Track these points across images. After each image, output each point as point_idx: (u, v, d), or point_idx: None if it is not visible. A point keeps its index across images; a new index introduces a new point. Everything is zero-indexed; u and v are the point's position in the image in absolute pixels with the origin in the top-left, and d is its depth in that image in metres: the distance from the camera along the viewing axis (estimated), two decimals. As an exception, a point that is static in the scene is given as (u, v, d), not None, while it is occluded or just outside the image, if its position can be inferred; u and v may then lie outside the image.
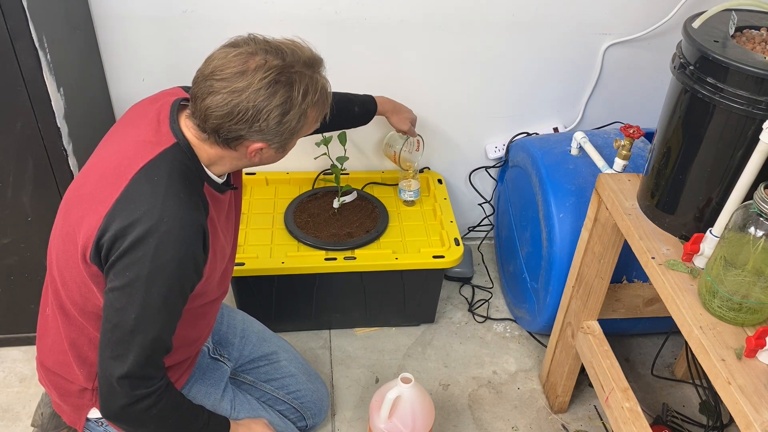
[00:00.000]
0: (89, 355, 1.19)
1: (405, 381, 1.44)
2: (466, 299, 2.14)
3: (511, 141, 2.06)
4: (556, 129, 2.07)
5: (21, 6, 1.29)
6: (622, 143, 1.54)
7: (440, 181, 2.06)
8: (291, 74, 1.04)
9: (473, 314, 2.09)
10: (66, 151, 1.50)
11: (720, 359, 1.00)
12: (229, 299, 1.88)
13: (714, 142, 1.11)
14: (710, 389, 1.73)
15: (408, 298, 1.90)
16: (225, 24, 1.74)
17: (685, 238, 1.20)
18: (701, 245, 1.14)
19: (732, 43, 1.09)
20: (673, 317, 1.12)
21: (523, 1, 1.80)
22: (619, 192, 1.35)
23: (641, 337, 2.02)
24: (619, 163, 1.55)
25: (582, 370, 1.68)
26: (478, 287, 2.18)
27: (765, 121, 1.00)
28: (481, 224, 2.31)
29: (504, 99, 2.01)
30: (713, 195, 1.16)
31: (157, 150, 1.07)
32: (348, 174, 2.05)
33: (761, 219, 0.97)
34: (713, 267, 1.06)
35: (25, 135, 1.45)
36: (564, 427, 1.75)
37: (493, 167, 2.16)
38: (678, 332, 1.16)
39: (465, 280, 2.19)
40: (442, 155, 2.10)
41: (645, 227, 1.26)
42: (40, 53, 1.36)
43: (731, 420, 1.71)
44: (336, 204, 1.89)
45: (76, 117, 1.55)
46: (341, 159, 1.83)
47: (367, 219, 1.89)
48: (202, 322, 1.30)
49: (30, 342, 1.83)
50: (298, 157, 1.95)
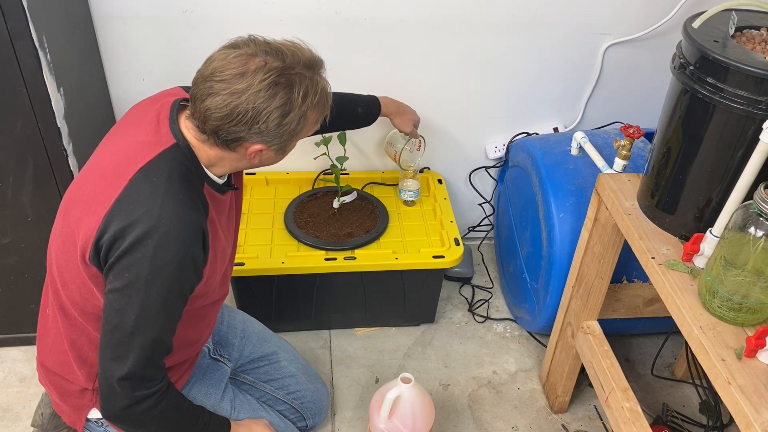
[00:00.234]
0: (89, 356, 1.19)
1: (405, 381, 1.44)
2: (466, 299, 2.14)
3: (511, 141, 2.06)
4: (556, 129, 2.07)
5: (21, 6, 1.29)
6: (622, 143, 1.54)
7: (440, 181, 2.06)
8: (291, 76, 1.03)
9: (473, 314, 2.09)
10: (66, 151, 1.50)
11: (720, 359, 1.00)
12: (229, 299, 1.88)
13: (714, 142, 1.11)
14: (710, 389, 1.73)
15: (408, 298, 1.90)
16: (225, 24, 1.74)
17: (685, 238, 1.20)
18: (701, 245, 1.14)
19: (732, 43, 1.09)
20: (673, 317, 1.12)
21: (523, 1, 1.80)
22: (619, 192, 1.35)
23: (641, 337, 2.02)
24: (619, 163, 1.55)
25: (582, 370, 1.68)
26: (478, 287, 2.18)
27: (765, 121, 1.00)
28: (481, 224, 2.31)
29: (504, 99, 2.01)
30: (713, 195, 1.16)
31: (157, 151, 1.07)
32: (348, 174, 2.05)
33: (761, 219, 0.97)
34: (713, 267, 1.06)
35: (25, 135, 1.45)
36: (564, 427, 1.75)
37: (493, 167, 2.16)
38: (678, 332, 1.16)
39: (465, 280, 2.19)
40: (442, 155, 2.10)
41: (645, 227, 1.26)
42: (40, 53, 1.36)
43: (731, 420, 1.71)
44: (336, 204, 1.89)
45: (76, 117, 1.55)
46: (341, 159, 1.83)
47: (367, 219, 1.89)
48: (203, 323, 1.30)
49: (30, 342, 1.83)
50: (298, 157, 1.95)
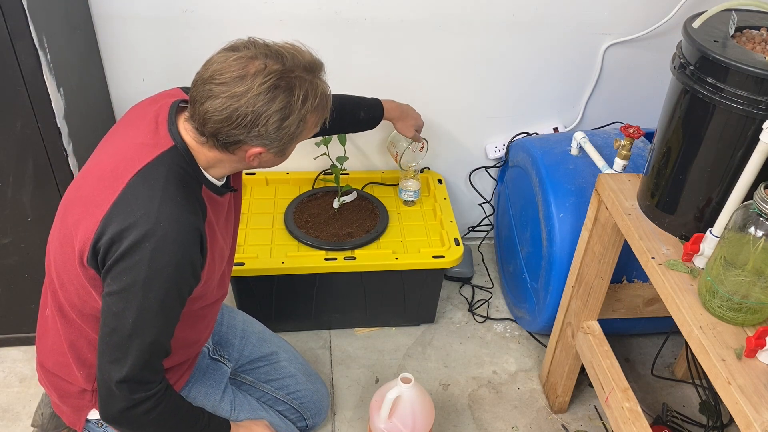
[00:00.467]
0: (88, 357, 1.19)
1: (405, 381, 1.44)
2: (466, 299, 2.14)
3: (511, 141, 2.06)
4: (556, 129, 2.07)
5: (21, 6, 1.29)
6: (622, 143, 1.54)
7: (440, 181, 2.06)
8: (291, 79, 1.03)
9: (473, 314, 2.09)
10: (66, 151, 1.50)
11: (720, 359, 1.00)
12: (229, 299, 1.88)
13: (714, 142, 1.11)
14: (710, 389, 1.73)
15: (408, 298, 1.90)
16: (225, 24, 1.74)
17: (685, 238, 1.20)
18: (701, 245, 1.14)
19: (732, 43, 1.09)
20: (673, 317, 1.12)
21: (523, 1, 1.80)
22: (619, 192, 1.35)
23: (641, 337, 2.02)
24: (619, 163, 1.55)
25: (582, 370, 1.68)
26: (478, 287, 2.18)
27: (765, 121, 1.00)
28: (481, 224, 2.31)
29: (504, 99, 2.01)
30: (713, 195, 1.16)
31: (155, 153, 1.07)
32: (348, 174, 2.05)
33: (761, 219, 0.97)
34: (713, 267, 1.06)
35: (25, 135, 1.45)
36: (564, 427, 1.75)
37: (493, 167, 2.16)
38: (678, 332, 1.16)
39: (465, 280, 2.19)
40: (442, 155, 2.10)
41: (645, 227, 1.26)
42: (40, 53, 1.36)
43: (731, 420, 1.71)
44: (336, 204, 1.89)
45: (76, 117, 1.55)
46: (341, 159, 1.83)
47: (367, 219, 1.89)
48: (202, 324, 1.30)
49: (30, 342, 1.83)
50: (298, 157, 1.95)
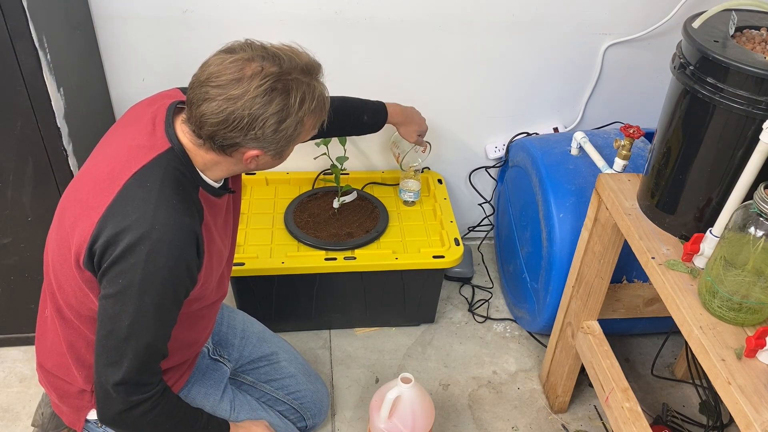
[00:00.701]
0: (87, 358, 1.18)
1: (405, 381, 1.44)
2: (466, 299, 2.14)
3: (511, 141, 2.06)
4: (556, 129, 2.07)
5: (21, 6, 1.29)
6: (622, 143, 1.54)
7: (440, 181, 2.06)
8: (288, 81, 1.02)
9: (473, 314, 2.09)
10: (66, 151, 1.50)
11: (720, 359, 1.00)
12: (229, 299, 1.88)
13: (714, 142, 1.11)
14: (710, 389, 1.73)
15: (408, 298, 1.90)
16: (225, 24, 1.74)
17: (685, 238, 1.20)
18: (701, 245, 1.14)
19: (732, 43, 1.09)
20: (673, 317, 1.12)
21: (523, 1, 1.80)
22: (619, 192, 1.35)
23: (641, 337, 2.02)
24: (619, 163, 1.55)
25: (582, 370, 1.68)
26: (478, 287, 2.18)
27: (765, 121, 1.00)
28: (481, 224, 2.31)
29: (504, 99, 2.01)
30: (713, 195, 1.16)
31: (151, 155, 1.06)
32: (348, 174, 2.05)
33: (761, 219, 0.97)
34: (713, 267, 1.06)
35: (25, 135, 1.45)
36: (564, 427, 1.75)
37: (493, 167, 2.16)
38: (678, 332, 1.16)
39: (465, 280, 2.19)
40: (442, 155, 2.10)
41: (645, 227, 1.26)
42: (40, 53, 1.36)
43: (731, 420, 1.71)
44: (336, 204, 1.89)
45: (76, 117, 1.55)
46: (341, 159, 1.82)
47: (367, 219, 1.89)
48: (201, 325, 1.30)
49: (30, 342, 1.83)
50: (298, 157, 1.95)
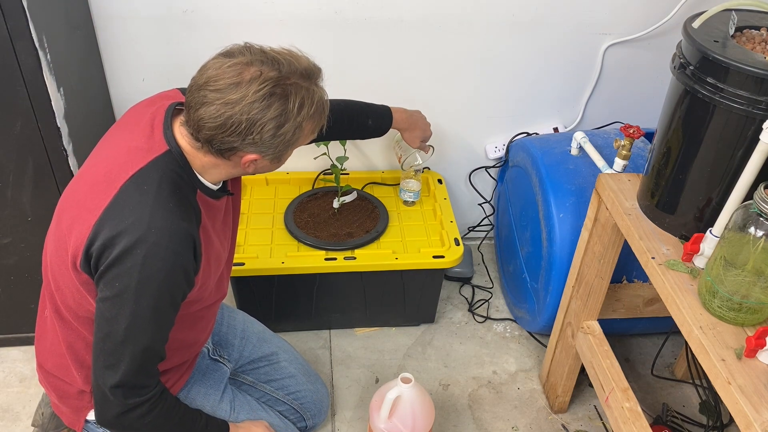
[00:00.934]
0: (87, 359, 1.18)
1: (405, 381, 1.44)
2: (466, 299, 2.14)
3: (511, 141, 2.06)
4: (556, 129, 2.07)
5: (21, 6, 1.29)
6: (622, 143, 1.54)
7: (440, 181, 2.06)
8: (287, 86, 1.01)
9: (473, 314, 2.09)
10: (66, 151, 1.50)
11: (720, 359, 1.00)
12: (229, 299, 1.88)
13: (714, 142, 1.11)
14: (710, 389, 1.73)
15: (408, 298, 1.90)
16: (225, 24, 1.74)
17: (685, 238, 1.20)
18: (701, 245, 1.14)
19: (732, 43, 1.09)
20: (673, 317, 1.12)
21: (523, 1, 1.80)
22: (619, 192, 1.35)
23: (641, 337, 2.02)
24: (619, 163, 1.55)
25: (582, 370, 1.68)
26: (478, 287, 2.18)
27: (765, 121, 1.00)
28: (481, 224, 2.31)
29: (504, 99, 2.01)
30: (713, 195, 1.16)
31: (149, 158, 1.06)
32: (348, 174, 2.05)
33: (761, 219, 0.97)
34: (713, 267, 1.06)
35: (25, 135, 1.45)
36: (564, 427, 1.75)
37: (493, 167, 2.16)
38: (678, 332, 1.16)
39: (465, 280, 2.19)
40: (442, 155, 2.10)
41: (645, 227, 1.26)
42: (40, 53, 1.36)
43: (731, 420, 1.71)
44: (336, 204, 1.89)
45: (76, 117, 1.55)
46: (341, 159, 1.82)
47: (367, 219, 1.89)
48: (200, 326, 1.30)
49: (30, 342, 1.83)
50: (298, 157, 1.94)
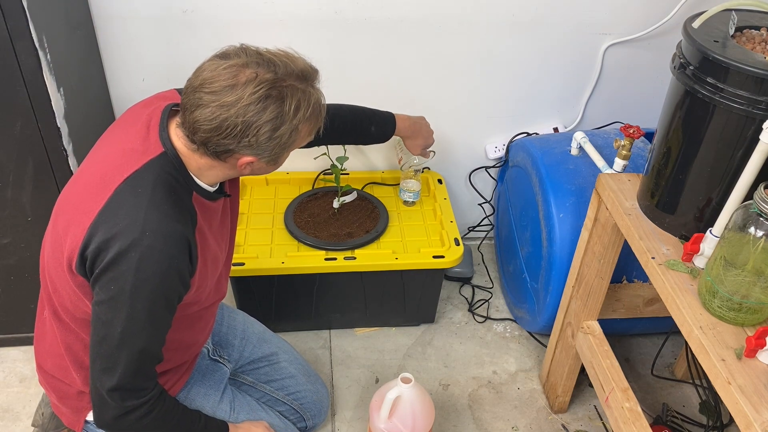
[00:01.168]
0: (85, 360, 1.18)
1: (405, 381, 1.44)
2: (466, 299, 2.14)
3: (511, 141, 2.06)
4: (556, 129, 2.07)
5: (21, 6, 1.29)
6: (622, 143, 1.54)
7: (440, 181, 2.06)
8: (282, 88, 1.01)
9: (473, 314, 2.09)
10: (66, 151, 1.50)
11: (720, 359, 1.00)
12: (229, 299, 1.88)
13: (714, 142, 1.11)
14: (710, 389, 1.73)
15: (408, 298, 1.90)
16: (225, 24, 1.74)
17: (685, 238, 1.20)
18: (701, 245, 1.14)
19: (732, 43, 1.09)
20: (673, 317, 1.12)
21: (523, 1, 1.80)
22: (619, 192, 1.35)
23: (641, 337, 2.02)
24: (619, 163, 1.55)
25: (582, 370, 1.68)
26: (478, 287, 2.18)
27: (765, 121, 1.00)
28: (481, 224, 2.31)
29: (504, 99, 2.01)
30: (713, 195, 1.16)
31: (144, 160, 1.05)
32: (348, 174, 2.05)
33: (761, 219, 0.97)
34: (713, 267, 1.06)
35: (25, 135, 1.45)
36: (564, 427, 1.75)
37: (493, 167, 2.16)
38: (678, 332, 1.16)
39: (465, 280, 2.19)
40: (442, 155, 2.10)
41: (645, 227, 1.26)
42: (40, 53, 1.36)
43: (731, 420, 1.71)
44: (336, 204, 1.89)
45: (76, 117, 1.55)
46: (341, 159, 1.82)
47: (367, 219, 1.89)
48: (199, 326, 1.29)
49: (30, 342, 1.83)
50: (299, 157, 1.94)
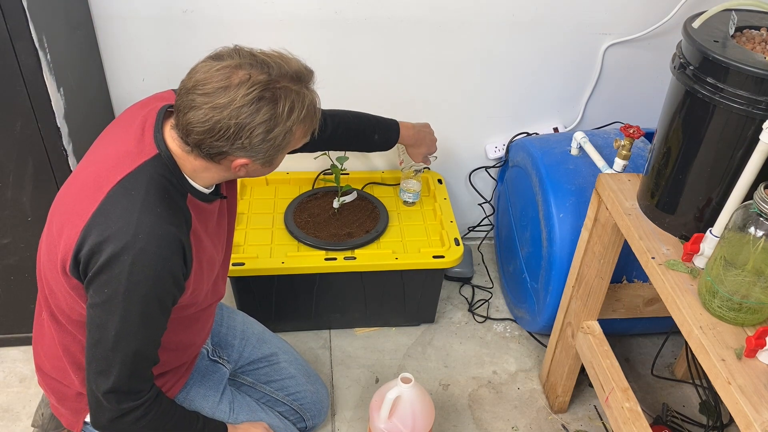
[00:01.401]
0: (83, 361, 1.17)
1: (405, 381, 1.44)
2: (466, 299, 2.14)
3: (511, 141, 2.06)
4: (556, 129, 2.07)
5: (21, 6, 1.29)
6: (622, 143, 1.54)
7: (440, 181, 2.06)
8: (276, 90, 1.00)
9: (473, 314, 2.09)
10: (66, 151, 1.50)
11: (720, 359, 1.00)
12: (229, 299, 1.88)
13: (714, 142, 1.11)
14: (710, 389, 1.73)
15: (408, 298, 1.90)
16: (225, 24, 1.74)
17: (685, 238, 1.20)
18: (701, 245, 1.14)
19: (732, 43, 1.09)
20: (673, 317, 1.12)
21: (523, 1, 1.80)
22: (619, 192, 1.35)
23: (641, 337, 2.02)
24: (619, 163, 1.55)
25: (582, 370, 1.68)
26: (478, 287, 2.18)
27: (765, 121, 1.00)
28: (481, 224, 2.31)
29: (504, 99, 2.01)
30: (713, 195, 1.16)
31: (138, 162, 1.05)
32: (348, 174, 2.05)
33: (761, 219, 0.97)
34: (713, 267, 1.06)
35: (25, 135, 1.45)
36: (564, 427, 1.75)
37: (493, 167, 2.16)
38: (678, 332, 1.16)
39: (465, 280, 2.19)
40: (442, 155, 2.10)
41: (645, 227, 1.26)
42: (40, 53, 1.36)
43: (731, 420, 1.71)
44: (336, 204, 1.89)
45: (76, 117, 1.55)
46: (341, 159, 1.83)
47: (367, 219, 1.89)
48: (196, 327, 1.29)
49: (30, 342, 1.82)
50: (299, 158, 1.94)
